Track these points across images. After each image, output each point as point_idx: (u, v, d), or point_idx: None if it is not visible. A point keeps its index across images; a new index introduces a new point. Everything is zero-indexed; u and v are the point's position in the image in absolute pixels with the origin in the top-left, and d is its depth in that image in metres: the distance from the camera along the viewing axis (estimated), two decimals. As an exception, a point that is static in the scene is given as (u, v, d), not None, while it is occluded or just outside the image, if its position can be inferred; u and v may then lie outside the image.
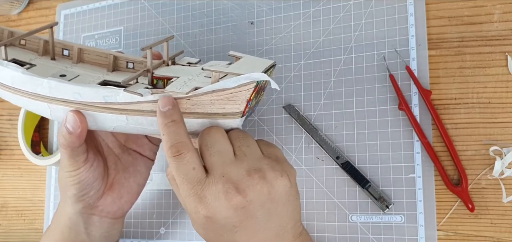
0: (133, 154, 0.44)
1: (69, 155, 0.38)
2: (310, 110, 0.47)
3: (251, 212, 0.32)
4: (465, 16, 0.43)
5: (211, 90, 0.33)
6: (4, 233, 0.62)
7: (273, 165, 0.33)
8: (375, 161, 0.44)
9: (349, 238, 0.44)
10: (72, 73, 0.40)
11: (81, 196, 0.40)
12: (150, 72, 0.37)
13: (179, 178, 0.33)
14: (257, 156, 0.34)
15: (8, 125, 0.63)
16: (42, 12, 0.64)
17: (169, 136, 0.33)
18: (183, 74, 0.37)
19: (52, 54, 0.43)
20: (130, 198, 0.43)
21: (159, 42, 0.38)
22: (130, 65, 0.42)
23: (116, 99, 0.35)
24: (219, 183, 0.32)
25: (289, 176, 0.33)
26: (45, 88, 0.37)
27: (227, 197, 0.31)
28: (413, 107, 0.43)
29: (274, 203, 0.33)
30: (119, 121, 0.37)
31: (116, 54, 0.42)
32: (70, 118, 0.36)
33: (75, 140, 0.37)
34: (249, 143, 0.34)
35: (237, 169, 0.32)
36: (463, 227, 0.42)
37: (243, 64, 0.35)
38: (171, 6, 0.55)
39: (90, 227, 0.42)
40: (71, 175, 0.39)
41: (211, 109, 0.34)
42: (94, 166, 0.40)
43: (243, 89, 0.32)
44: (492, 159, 0.41)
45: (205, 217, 0.32)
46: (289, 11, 0.49)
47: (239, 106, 0.34)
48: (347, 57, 0.46)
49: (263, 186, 0.32)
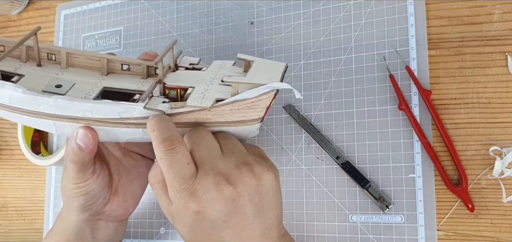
0: (134, 156, 0.44)
1: (78, 170, 0.37)
2: (310, 110, 0.47)
3: (240, 206, 0.32)
4: (465, 16, 0.43)
5: (232, 101, 0.33)
6: (4, 233, 0.62)
7: (259, 160, 0.34)
8: (375, 161, 0.44)
9: (349, 238, 0.44)
10: (66, 81, 0.38)
11: (88, 206, 0.40)
12: (162, 83, 0.36)
13: (171, 175, 0.32)
14: (243, 152, 0.35)
15: (8, 125, 0.63)
16: (42, 12, 0.64)
17: (160, 131, 0.33)
18: (196, 82, 0.37)
19: (38, 61, 0.41)
20: (134, 200, 0.43)
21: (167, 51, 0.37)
22: (125, 67, 0.41)
23: (132, 114, 0.34)
24: (209, 175, 0.32)
25: (274, 172, 0.34)
26: (51, 107, 0.35)
27: (218, 188, 0.31)
28: (413, 107, 0.43)
29: (262, 197, 0.33)
30: (134, 134, 0.36)
31: (109, 57, 0.40)
32: (81, 135, 0.36)
33: (86, 156, 0.36)
34: (234, 142, 0.35)
35: (226, 163, 0.33)
36: (463, 227, 0.42)
37: (258, 70, 0.35)
38: (171, 6, 0.55)
39: (97, 232, 0.42)
40: (78, 186, 0.38)
41: (231, 118, 0.35)
42: (101, 176, 0.40)
43: (264, 98, 0.33)
44: (492, 159, 0.41)
45: (195, 213, 0.32)
46: (289, 11, 0.49)
47: (260, 113, 0.34)
48: (347, 57, 0.46)
49: (252, 178, 0.32)
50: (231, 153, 0.34)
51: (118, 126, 0.36)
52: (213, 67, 0.39)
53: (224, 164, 0.33)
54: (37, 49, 0.40)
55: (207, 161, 0.33)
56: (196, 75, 0.39)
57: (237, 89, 0.34)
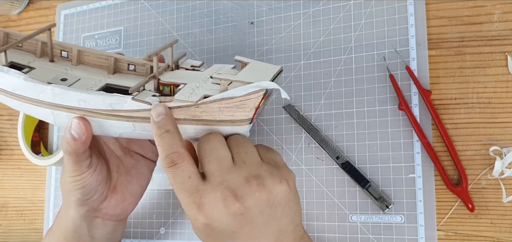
0: (135, 156, 0.44)
1: (73, 161, 0.38)
2: (310, 110, 0.47)
3: (250, 218, 0.32)
4: (465, 16, 0.43)
5: (220, 98, 0.33)
6: (4, 233, 0.62)
7: (271, 171, 0.33)
8: (375, 161, 0.44)
9: (349, 238, 0.44)
10: (73, 76, 0.40)
11: (85, 200, 0.40)
12: (157, 78, 0.37)
13: (176, 188, 0.33)
14: (255, 162, 0.34)
15: (8, 125, 0.63)
16: (42, 12, 0.64)
17: (163, 147, 0.33)
18: (189, 80, 0.37)
19: (51, 56, 0.42)
20: (133, 200, 0.43)
21: (165, 47, 0.38)
22: (131, 67, 0.41)
23: (123, 106, 0.35)
24: (217, 190, 0.32)
25: (288, 181, 0.33)
26: (48, 95, 0.36)
27: (225, 204, 0.31)
28: (413, 107, 0.43)
29: (273, 209, 0.33)
30: (125, 128, 0.36)
31: (117, 56, 0.41)
32: (75, 125, 0.36)
33: (80, 147, 0.37)
34: (248, 149, 0.34)
35: (235, 176, 0.32)
36: (463, 227, 0.42)
37: (251, 70, 0.35)
38: (171, 6, 0.55)
39: (94, 230, 0.42)
40: (75, 180, 0.39)
41: (219, 117, 0.34)
42: (97, 170, 0.40)
43: (252, 97, 0.33)
44: (492, 159, 0.41)
45: (204, 224, 0.32)
46: (289, 11, 0.49)
47: (248, 114, 0.34)
48: (347, 57, 0.46)
49: (262, 192, 0.32)
50: (243, 163, 0.33)
51: (110, 118, 0.36)
52: (212, 69, 0.40)
53: (233, 177, 0.32)
54: (50, 45, 0.42)
55: (216, 174, 0.32)
56: (192, 75, 0.39)
57: (226, 86, 0.33)
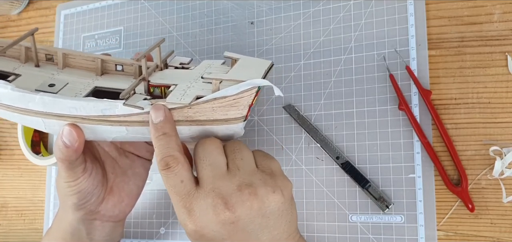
0: (130, 156, 0.44)
1: (67, 167, 0.37)
2: (310, 110, 0.47)
3: (240, 227, 0.32)
4: (465, 16, 0.43)
5: (212, 98, 0.32)
6: (4, 233, 0.62)
7: (266, 180, 0.33)
8: (375, 161, 0.44)
9: (349, 238, 0.44)
10: (61, 81, 0.39)
11: (81, 204, 0.40)
12: (146, 80, 0.36)
13: (169, 190, 0.33)
14: (250, 169, 0.33)
15: (8, 125, 0.63)
16: (42, 12, 0.64)
17: (159, 149, 0.33)
18: (180, 80, 0.37)
19: (36, 61, 0.41)
20: (130, 201, 0.43)
21: (152, 48, 0.37)
22: (119, 68, 0.41)
23: (115, 111, 0.34)
24: (208, 197, 0.31)
25: (282, 190, 0.33)
26: (38, 104, 0.35)
27: (215, 211, 0.31)
28: (413, 107, 0.43)
29: (265, 218, 0.32)
30: (118, 132, 0.36)
31: (103, 58, 0.41)
32: (66, 132, 0.36)
33: (72, 154, 0.36)
34: (244, 155, 0.34)
35: (228, 184, 0.32)
36: (463, 227, 0.42)
37: (242, 67, 0.35)
38: (171, 6, 0.55)
39: (92, 232, 0.42)
40: (70, 185, 0.38)
41: (213, 116, 0.34)
42: (93, 174, 0.39)
43: (245, 95, 0.32)
44: (492, 159, 0.41)
45: (193, 230, 0.32)
46: (289, 11, 0.49)
47: (242, 112, 0.33)
48: (347, 57, 0.46)
49: (253, 202, 0.31)
50: (237, 170, 0.33)
51: (102, 123, 0.35)
52: (201, 66, 0.39)
53: (225, 184, 0.32)
54: (34, 50, 0.41)
55: (209, 181, 0.32)
56: (182, 74, 0.38)
57: (218, 86, 0.33)
